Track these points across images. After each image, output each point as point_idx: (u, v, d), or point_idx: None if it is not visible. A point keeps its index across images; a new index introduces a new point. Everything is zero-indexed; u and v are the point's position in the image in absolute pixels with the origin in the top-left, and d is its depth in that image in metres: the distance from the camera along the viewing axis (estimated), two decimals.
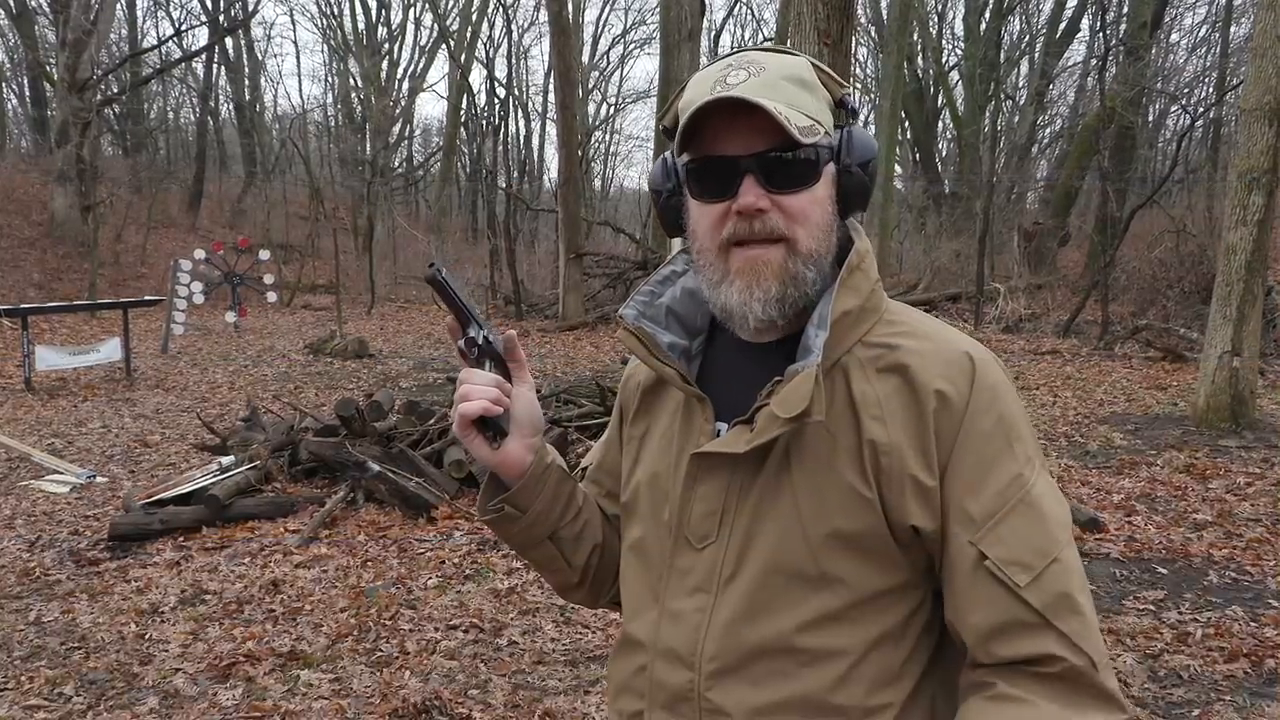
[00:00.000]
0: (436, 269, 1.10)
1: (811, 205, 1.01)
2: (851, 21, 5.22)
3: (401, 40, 33.67)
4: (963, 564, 0.97)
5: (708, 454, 1.04)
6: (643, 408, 1.19)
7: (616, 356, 12.47)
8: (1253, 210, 7.42)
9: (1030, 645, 0.94)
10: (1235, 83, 17.94)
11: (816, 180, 1.02)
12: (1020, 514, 0.96)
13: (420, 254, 26.01)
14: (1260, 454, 6.78)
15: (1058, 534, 0.97)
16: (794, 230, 1.01)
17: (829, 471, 1.00)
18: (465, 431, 1.13)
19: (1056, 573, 0.95)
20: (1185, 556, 4.73)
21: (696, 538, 1.06)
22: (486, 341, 1.15)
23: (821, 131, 1.00)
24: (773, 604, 1.01)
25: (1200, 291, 12.91)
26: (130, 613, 4.20)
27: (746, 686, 1.01)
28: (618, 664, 1.16)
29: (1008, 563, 0.94)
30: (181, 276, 13.96)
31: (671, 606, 1.07)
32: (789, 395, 0.96)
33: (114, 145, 28.48)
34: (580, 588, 1.26)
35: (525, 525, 1.17)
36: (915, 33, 24.70)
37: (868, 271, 1.05)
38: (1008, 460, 0.98)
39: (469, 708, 3.33)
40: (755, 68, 1.00)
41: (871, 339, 1.03)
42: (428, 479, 5.79)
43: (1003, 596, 0.95)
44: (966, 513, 0.97)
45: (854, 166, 1.03)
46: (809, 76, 1.03)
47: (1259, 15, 7.64)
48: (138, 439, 7.84)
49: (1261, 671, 3.53)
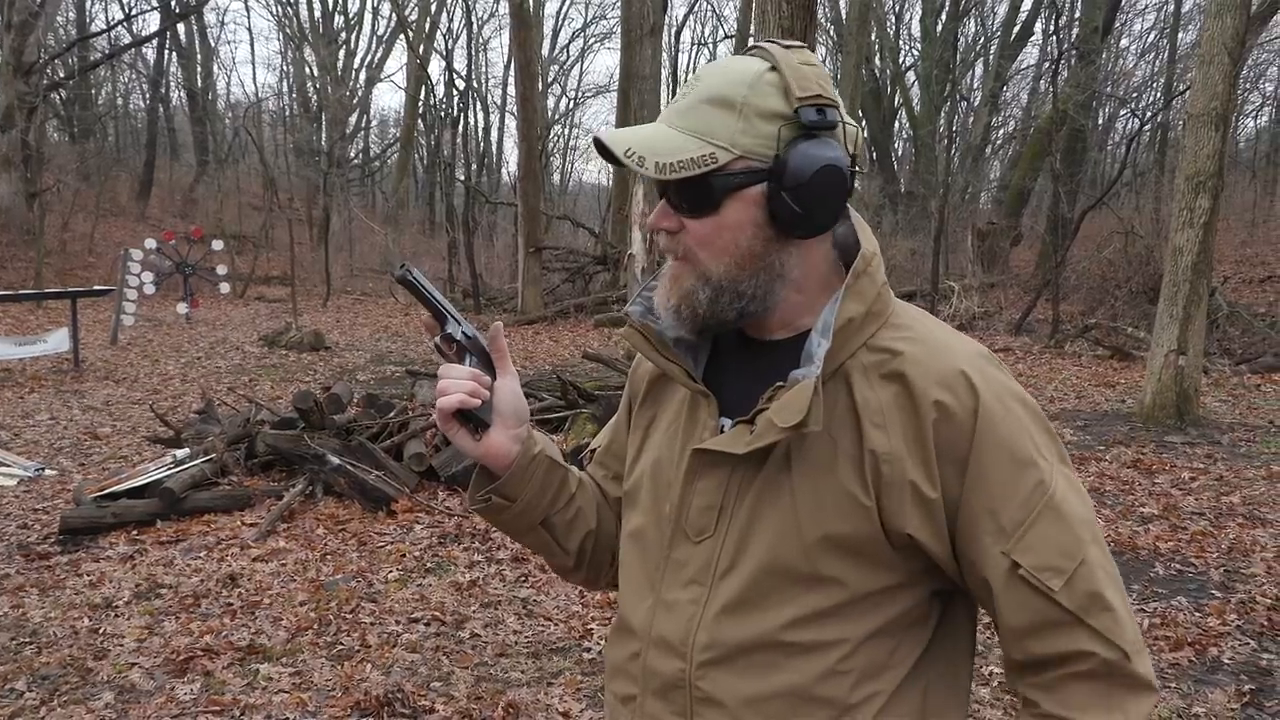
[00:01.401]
0: (407, 269, 1.10)
1: (716, 231, 1.02)
2: (814, 20, 5.27)
3: (359, 29, 33.30)
4: (997, 573, 0.99)
5: (708, 450, 1.05)
6: (650, 396, 1.20)
7: (577, 350, 12.46)
8: (1199, 213, 7.61)
9: (1066, 643, 0.98)
10: (1182, 88, 18.38)
11: (716, 208, 1.01)
12: (1046, 519, 0.98)
13: (377, 246, 25.74)
14: (1204, 450, 6.98)
15: (1082, 533, 0.99)
16: (695, 254, 1.03)
17: (829, 477, 1.01)
18: (447, 425, 1.14)
19: (1085, 573, 0.98)
20: (1133, 549, 4.86)
21: (694, 531, 1.07)
22: (466, 336, 1.15)
23: (730, 157, 0.98)
24: (765, 600, 1.03)
25: (1147, 291, 13.23)
26: (83, 607, 4.13)
27: (736, 677, 1.03)
28: (614, 648, 1.18)
29: (1040, 569, 0.97)
30: (131, 266, 13.67)
31: (667, 596, 1.09)
32: (787, 404, 0.97)
33: (61, 131, 27.82)
34: (577, 570, 1.28)
35: (515, 514, 1.19)
36: (874, 33, 24.95)
37: (874, 275, 1.05)
38: (1028, 467, 0.99)
39: (431, 700, 3.33)
40: (691, 87, 1.03)
41: (876, 343, 1.03)
42: (388, 472, 5.75)
43: (1038, 600, 0.98)
44: (997, 524, 0.99)
45: (784, 190, 0.99)
46: (741, 93, 0.99)
47: (1207, 23, 7.84)
48: (88, 431, 7.68)
49: (1205, 660, 3.64)
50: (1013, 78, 25.45)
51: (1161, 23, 25.15)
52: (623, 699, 1.14)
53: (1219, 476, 6.24)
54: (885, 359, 1.02)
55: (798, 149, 0.98)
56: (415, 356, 12.36)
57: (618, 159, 1.01)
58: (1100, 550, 1.00)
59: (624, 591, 1.18)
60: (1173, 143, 20.36)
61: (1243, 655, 3.67)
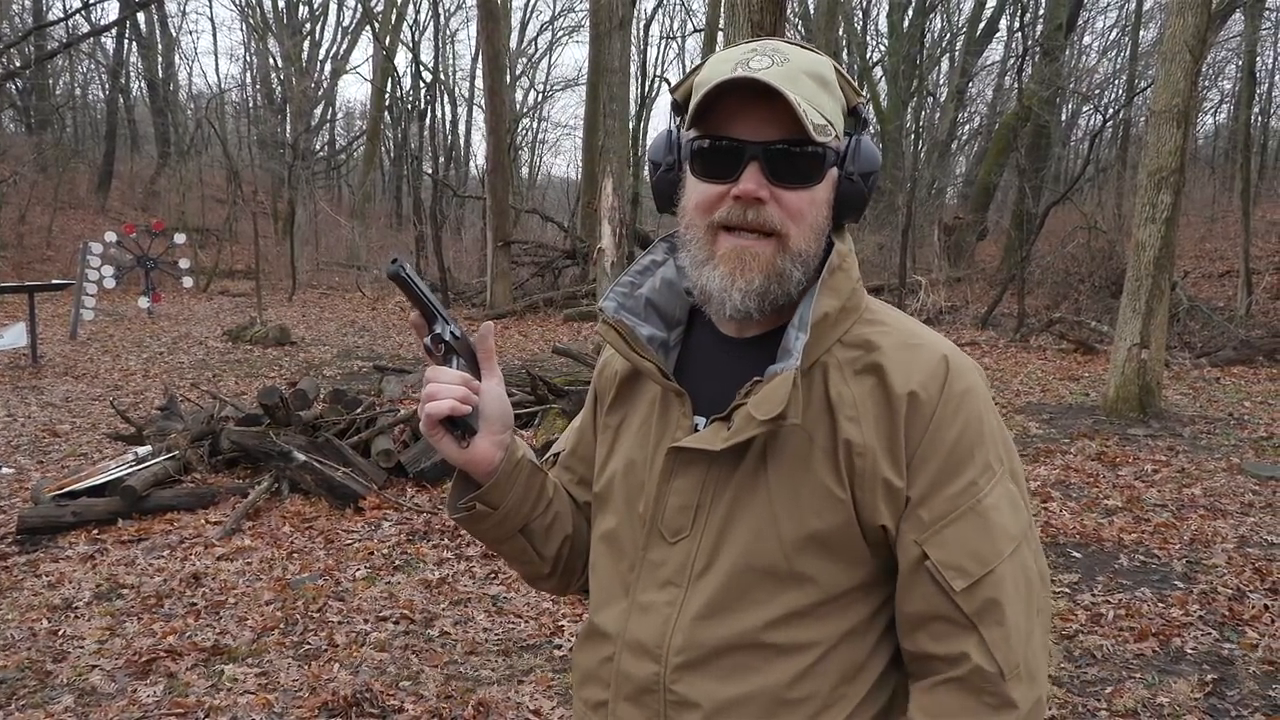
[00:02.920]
0: (400, 264, 1.06)
1: (810, 205, 1.01)
2: (783, 14, 5.27)
3: (324, 20, 32.88)
4: (906, 559, 1.00)
5: (685, 449, 1.03)
6: (620, 397, 1.18)
7: (546, 345, 12.42)
8: (1161, 209, 7.72)
9: (951, 644, 0.98)
10: (1144, 85, 18.65)
11: (819, 181, 1.01)
12: (967, 521, 0.99)
13: (343, 240, 25.48)
14: (1166, 442, 7.08)
15: (1001, 545, 0.99)
16: (788, 226, 1.00)
17: (805, 471, 1.00)
18: (433, 431, 1.10)
19: (991, 582, 0.98)
20: (1098, 541, 4.92)
21: (670, 531, 1.06)
22: (455, 337, 1.12)
23: (833, 134, 0.99)
24: (742, 600, 1.02)
25: (1110, 286, 13.42)
26: (41, 609, 4.04)
27: (712, 680, 1.02)
28: (584, 653, 1.15)
29: (946, 566, 0.98)
30: (91, 260, 13.41)
31: (641, 599, 1.07)
32: (767, 397, 0.96)
33: (17, 122, 27.23)
34: (550, 578, 1.25)
35: (496, 521, 1.16)
36: (841, 28, 25.05)
37: (849, 271, 1.05)
38: (966, 467, 1.00)
39: (401, 700, 3.30)
40: (779, 56, 0.99)
41: (850, 338, 1.04)
42: (355, 469, 5.68)
43: (936, 595, 0.98)
44: (917, 513, 1.00)
45: (856, 175, 1.03)
46: (830, 76, 1.02)
47: (1169, 21, 7.95)
48: (46, 428, 7.53)
49: (1169, 650, 3.70)
50: (978, 74, 25.67)
51: (1123, 20, 25.50)
52: (593, 705, 1.12)
53: (1181, 469, 6.33)
54: (860, 354, 1.02)
55: (863, 140, 1.04)
56: (383, 351, 12.26)
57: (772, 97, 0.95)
58: (1017, 569, 1.00)
59: (596, 595, 1.16)
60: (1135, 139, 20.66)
61: (1205, 645, 3.73)
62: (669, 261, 1.15)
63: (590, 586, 1.19)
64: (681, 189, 1.06)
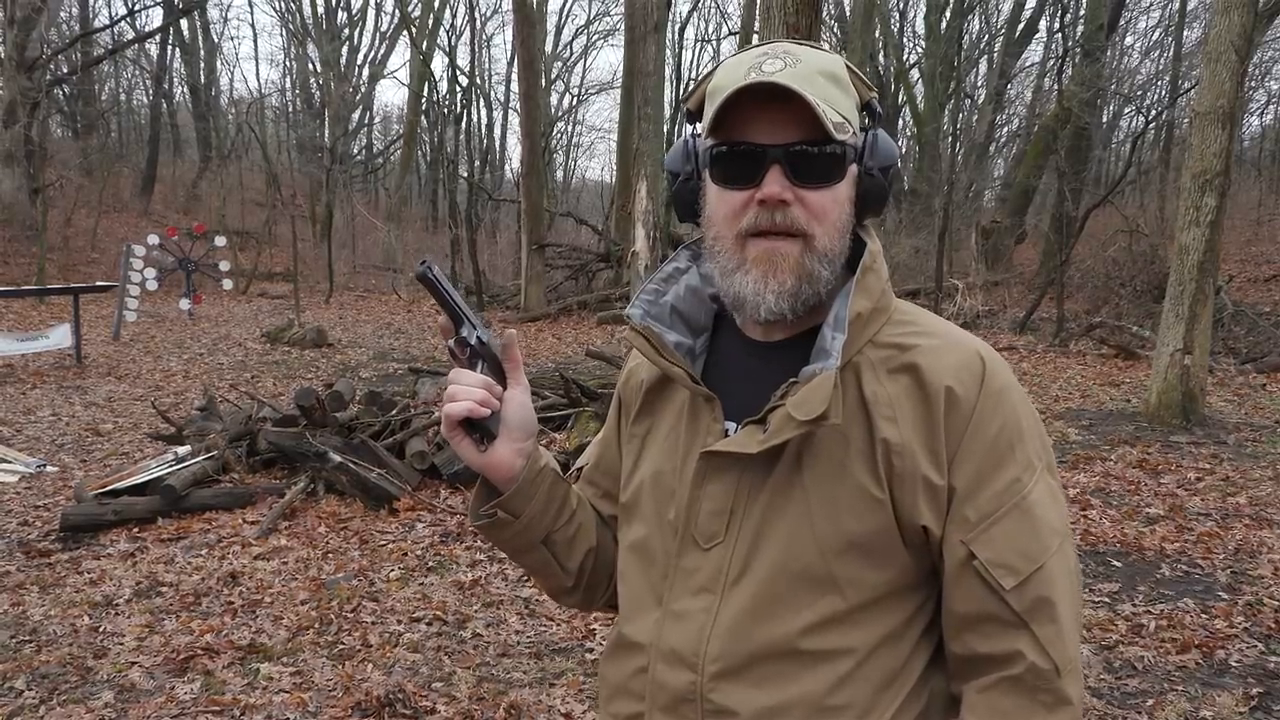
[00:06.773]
0: (428, 266, 1.06)
1: (832, 203, 1.01)
2: (819, 16, 5.24)
3: (362, 25, 33.23)
4: (953, 560, 0.99)
5: (718, 453, 1.02)
6: (646, 406, 1.17)
7: (580, 348, 12.44)
8: (1205, 212, 7.57)
9: (1004, 643, 0.98)
10: (1188, 86, 18.32)
11: (841, 179, 1.01)
12: (1014, 518, 0.98)
13: (379, 243, 25.72)
14: (1209, 450, 6.94)
15: (1048, 541, 0.99)
16: (813, 226, 1.00)
17: (842, 473, 0.99)
18: (452, 433, 1.10)
19: (1041, 579, 0.97)
20: (1139, 550, 4.83)
21: (704, 537, 1.05)
22: (480, 342, 1.11)
23: (850, 131, 0.99)
24: (778, 606, 1.00)
25: (1152, 290, 13.19)
26: (83, 605, 4.11)
27: (750, 688, 1.01)
28: (613, 665, 1.14)
29: (995, 565, 0.97)
30: (134, 262, 13.66)
31: (675, 607, 1.06)
32: (807, 397, 0.96)
33: (64, 127, 27.82)
34: (574, 591, 1.23)
35: (518, 531, 1.15)
36: (877, 30, 24.89)
37: (879, 272, 1.05)
38: (1008, 464, 0.99)
39: (433, 701, 3.31)
40: (791, 59, 0.99)
41: (882, 339, 1.03)
42: (390, 470, 5.73)
43: (986, 595, 0.97)
44: (962, 512, 0.99)
45: (875, 170, 1.03)
46: (842, 74, 1.02)
47: (1214, 20, 7.79)
48: (89, 427, 7.67)
49: (1212, 662, 3.61)
50: (1017, 75, 25.35)
51: (1166, 20, 25.05)
52: (625, 719, 1.11)
53: (1225, 477, 6.20)
54: (894, 354, 1.02)
55: (879, 135, 1.03)
56: (418, 353, 12.35)
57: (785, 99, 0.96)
58: (1064, 566, 1.00)
59: (625, 606, 1.14)
60: (1178, 141, 20.30)
61: (1250, 658, 3.64)
62: (692, 269, 1.15)
63: (619, 597, 1.17)
64: (703, 197, 1.06)
